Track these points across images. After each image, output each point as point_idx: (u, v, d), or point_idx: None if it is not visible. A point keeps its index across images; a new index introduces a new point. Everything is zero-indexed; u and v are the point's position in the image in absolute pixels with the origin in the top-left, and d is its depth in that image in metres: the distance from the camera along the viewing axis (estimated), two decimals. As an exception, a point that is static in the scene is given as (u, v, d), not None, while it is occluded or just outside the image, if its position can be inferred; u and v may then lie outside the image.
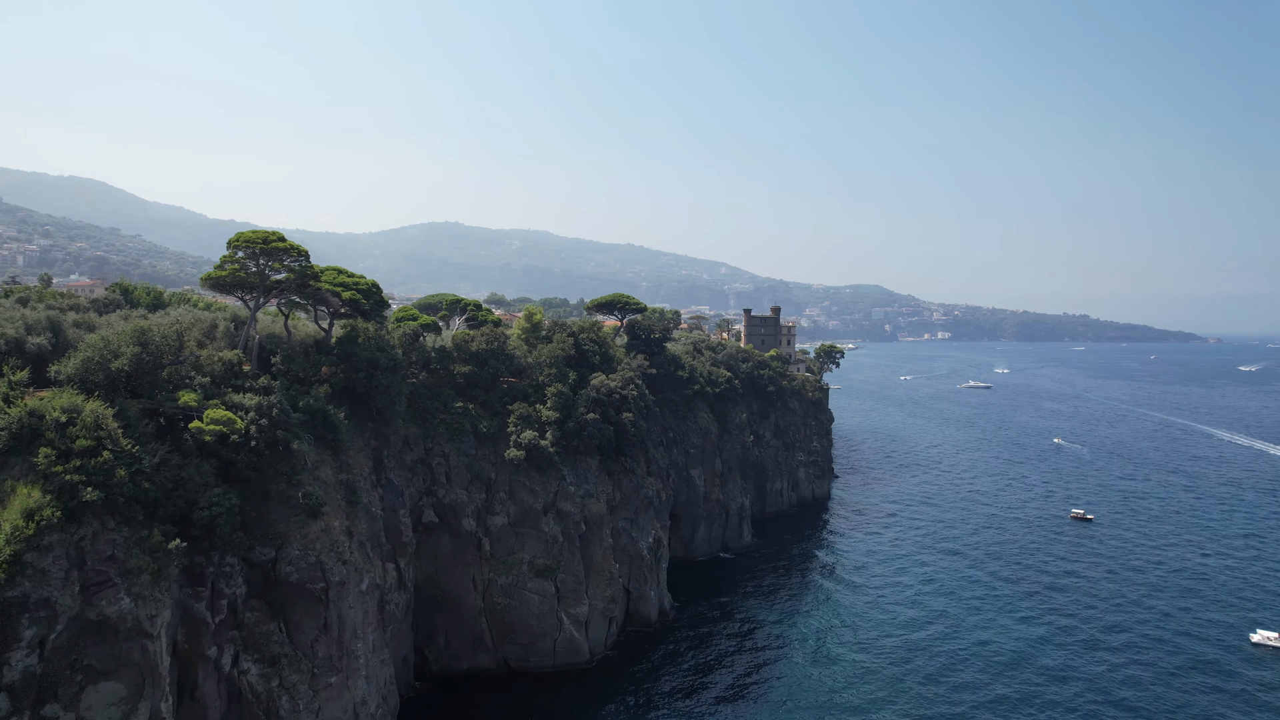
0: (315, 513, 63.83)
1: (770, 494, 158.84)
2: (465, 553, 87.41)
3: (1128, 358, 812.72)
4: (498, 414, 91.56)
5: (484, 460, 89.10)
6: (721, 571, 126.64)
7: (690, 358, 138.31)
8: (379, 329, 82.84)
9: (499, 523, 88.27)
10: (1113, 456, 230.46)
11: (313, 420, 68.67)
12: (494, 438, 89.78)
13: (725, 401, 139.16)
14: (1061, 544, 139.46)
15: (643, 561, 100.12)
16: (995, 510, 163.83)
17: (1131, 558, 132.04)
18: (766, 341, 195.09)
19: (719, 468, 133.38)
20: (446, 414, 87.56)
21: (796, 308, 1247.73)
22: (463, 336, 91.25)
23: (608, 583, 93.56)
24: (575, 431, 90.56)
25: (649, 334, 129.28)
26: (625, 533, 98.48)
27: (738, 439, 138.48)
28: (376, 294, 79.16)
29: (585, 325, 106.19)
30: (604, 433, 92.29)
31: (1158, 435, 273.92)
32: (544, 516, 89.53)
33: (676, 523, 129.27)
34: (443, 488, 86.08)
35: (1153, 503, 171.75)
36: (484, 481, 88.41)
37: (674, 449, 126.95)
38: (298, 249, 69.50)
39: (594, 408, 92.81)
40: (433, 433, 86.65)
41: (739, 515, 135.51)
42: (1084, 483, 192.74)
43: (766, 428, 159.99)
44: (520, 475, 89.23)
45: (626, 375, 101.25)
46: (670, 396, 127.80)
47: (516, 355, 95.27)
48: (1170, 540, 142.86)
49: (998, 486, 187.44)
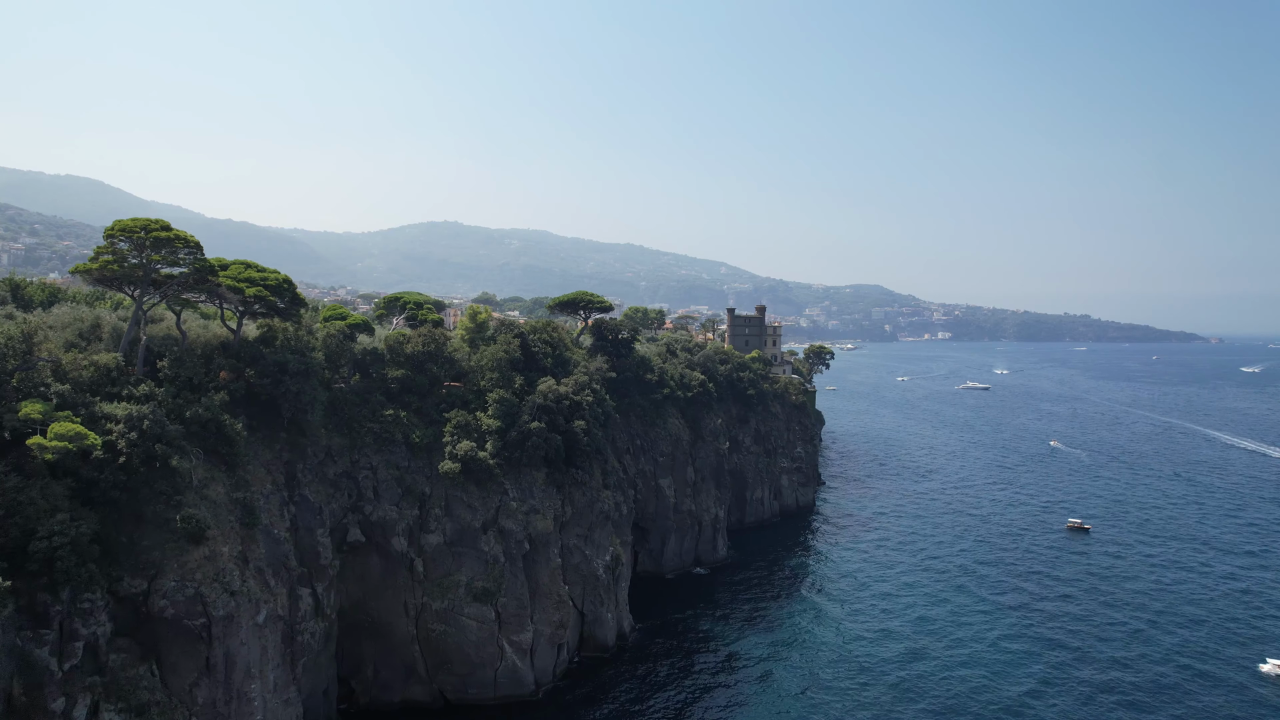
0: (197, 537, 56.21)
1: (750, 503, 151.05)
2: (396, 575, 79.73)
3: (1129, 358, 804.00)
4: (434, 422, 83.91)
5: (417, 473, 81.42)
6: (693, 588, 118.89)
7: (661, 360, 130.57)
8: (298, 329, 75.35)
9: (434, 542, 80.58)
10: (1111, 461, 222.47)
11: (204, 432, 61.02)
12: (428, 448, 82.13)
13: (699, 406, 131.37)
14: (1058, 559, 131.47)
15: (598, 582, 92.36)
16: (987, 520, 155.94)
17: (1131, 574, 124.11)
18: (751, 342, 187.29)
19: (691, 477, 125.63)
20: (375, 422, 79.88)
21: (796, 307, 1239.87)
22: (396, 338, 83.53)
23: (556, 606, 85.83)
24: (518, 442, 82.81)
25: (616, 334, 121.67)
26: (578, 551, 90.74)
27: (712, 446, 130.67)
28: (289, 291, 71.50)
29: (538, 325, 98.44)
30: (551, 443, 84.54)
31: (1158, 438, 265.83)
32: (484, 535, 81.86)
33: (644, 536, 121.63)
34: (370, 504, 78.40)
35: (1152, 512, 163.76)
36: (417, 496, 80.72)
37: (641, 457, 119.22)
38: (188, 239, 61.85)
39: (540, 415, 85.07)
40: (360, 443, 78.96)
41: (713, 527, 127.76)
42: (1081, 489, 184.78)
43: (746, 433, 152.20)
44: (457, 490, 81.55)
45: (581, 380, 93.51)
46: (638, 401, 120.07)
47: (458, 358, 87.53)
48: (1172, 554, 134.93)
49: (991, 494, 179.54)
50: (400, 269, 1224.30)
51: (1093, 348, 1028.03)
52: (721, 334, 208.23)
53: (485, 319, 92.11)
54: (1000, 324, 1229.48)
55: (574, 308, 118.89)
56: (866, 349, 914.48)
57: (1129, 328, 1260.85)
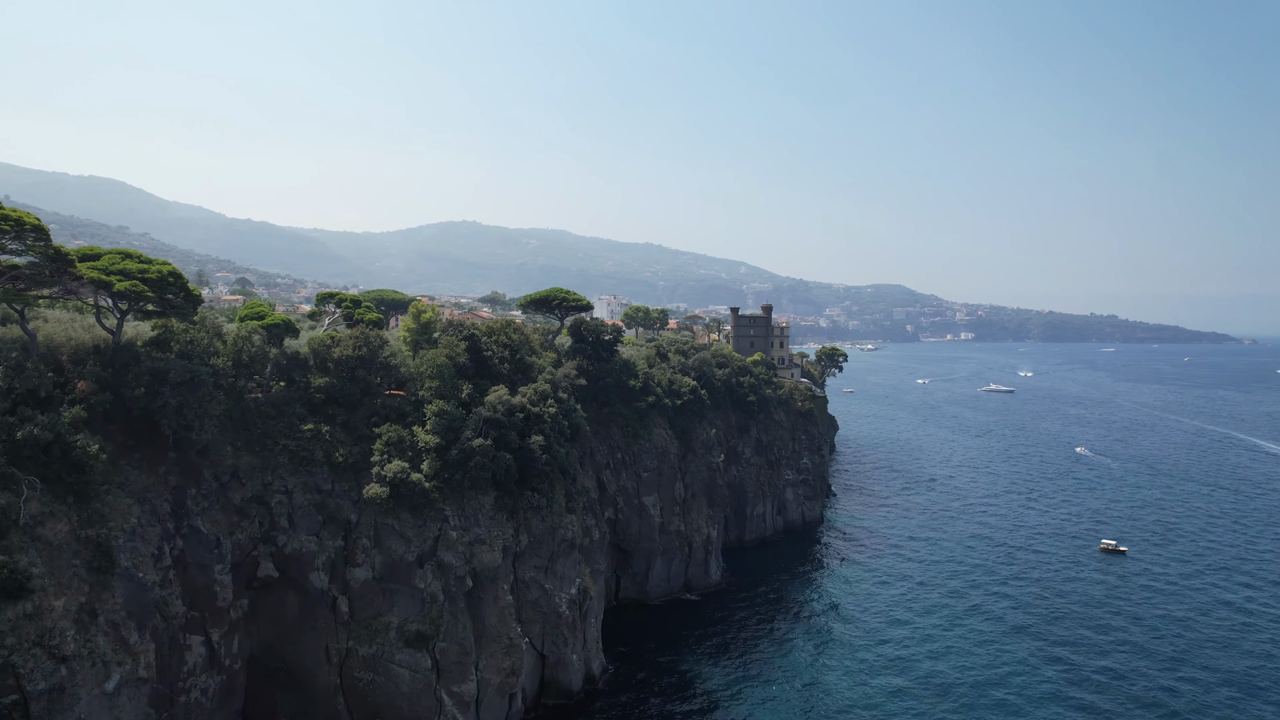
0: (14, 591, 45.16)
1: (751, 519, 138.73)
2: (316, 615, 68.52)
3: (1159, 360, 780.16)
4: (364, 438, 72.59)
5: (342, 498, 70.14)
6: (680, 618, 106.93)
7: (648, 364, 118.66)
8: (198, 331, 64.35)
9: (361, 577, 69.26)
10: (1146, 471, 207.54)
11: (44, 457, 50.03)
12: (355, 469, 70.81)
13: (689, 415, 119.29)
14: (1092, 588, 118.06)
15: (561, 619, 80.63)
16: (1012, 540, 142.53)
17: (1177, 610, 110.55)
18: (756, 344, 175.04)
19: (680, 493, 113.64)
20: (291, 439, 68.71)
21: (817, 308, 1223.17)
22: (320, 341, 72.27)
23: (506, 651, 74.23)
24: (459, 461, 71.26)
25: (597, 336, 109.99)
26: (536, 585, 79.07)
27: (704, 459, 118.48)
28: (177, 285, 60.40)
29: (495, 325, 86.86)
30: (500, 462, 72.92)
31: (1196, 446, 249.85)
32: (419, 569, 70.40)
33: (627, 560, 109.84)
34: (284, 533, 67.22)
35: (1195, 532, 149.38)
36: (341, 525, 69.44)
37: (623, 473, 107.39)
38: (32, 223, 50.85)
39: (488, 430, 73.47)
40: (273, 463, 67.83)
41: (705, 549, 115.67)
42: (1114, 504, 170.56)
43: (746, 443, 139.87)
44: (388, 517, 70.16)
45: (542, 388, 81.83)
46: (620, 410, 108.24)
47: (395, 363, 76.12)
48: (1220, 584, 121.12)
49: (1015, 508, 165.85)
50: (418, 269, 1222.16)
51: (1121, 349, 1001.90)
52: (727, 335, 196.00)
53: (431, 318, 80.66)
54: (1024, 324, 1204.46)
55: (547, 306, 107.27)
56: (887, 350, 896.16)
57: (1158, 328, 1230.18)
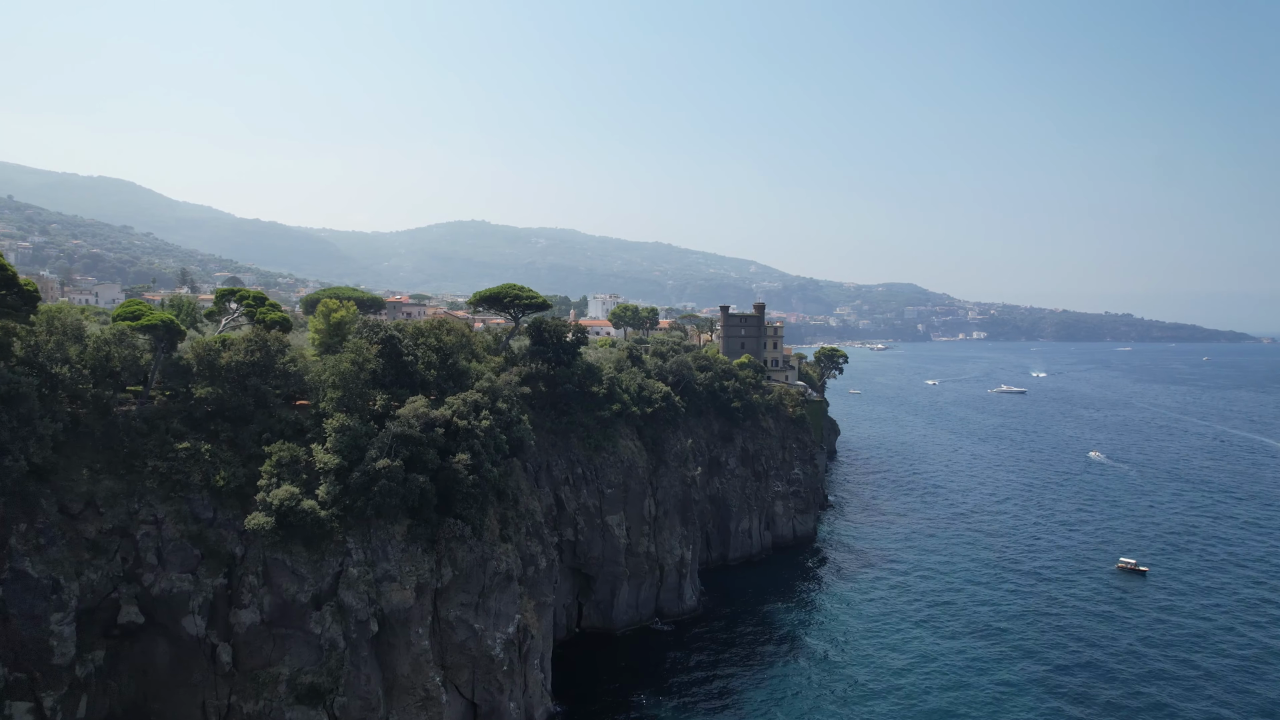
0: None
1: (735, 536, 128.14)
2: (191, 666, 58.54)
3: (1176, 359, 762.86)
4: (255, 458, 62.59)
5: (225, 528, 60.14)
6: (648, 649, 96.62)
7: (616, 368, 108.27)
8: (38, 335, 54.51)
9: (247, 620, 59.25)
10: (1165, 478, 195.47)
11: None
12: (242, 494, 60.78)
13: (661, 424, 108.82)
14: (1110, 615, 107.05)
15: (494, 663, 70.36)
16: (1020, 557, 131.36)
17: (1209, 640, 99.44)
18: (747, 345, 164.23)
19: (650, 511, 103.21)
20: (163, 459, 58.75)
21: (827, 306, 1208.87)
22: (206, 345, 62.24)
23: (421, 704, 64.04)
24: (362, 485, 61.12)
25: (558, 338, 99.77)
26: (463, 625, 68.82)
27: (677, 472, 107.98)
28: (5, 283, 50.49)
29: (424, 326, 76.57)
30: (411, 486, 62.73)
31: (1218, 452, 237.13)
32: (315, 611, 60.32)
33: (589, 585, 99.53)
34: (152, 571, 57.29)
35: (1222, 549, 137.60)
36: (223, 560, 59.45)
37: (583, 489, 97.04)
38: None
39: (398, 449, 63.28)
40: (140, 488, 57.93)
41: (678, 571, 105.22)
42: (1132, 516, 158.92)
43: (730, 453, 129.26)
44: (279, 552, 60.11)
45: (474, 398, 71.57)
46: (581, 420, 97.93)
47: (297, 370, 65.97)
48: (1255, 616, 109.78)
49: (1024, 522, 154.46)
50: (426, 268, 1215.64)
51: (1137, 348, 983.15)
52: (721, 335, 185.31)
53: (343, 318, 70.56)
54: (1038, 323, 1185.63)
55: (499, 304, 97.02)
56: (898, 349, 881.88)
57: (1174, 327, 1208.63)
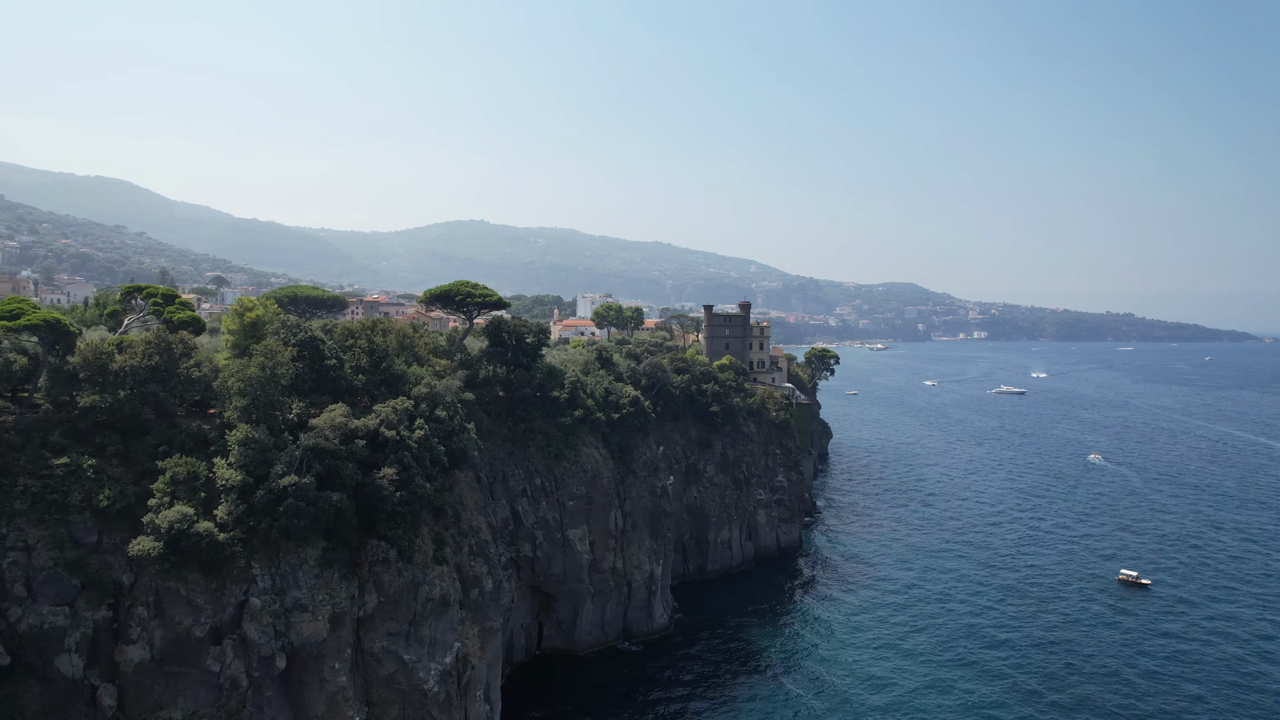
0: None
1: (714, 547, 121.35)
2: (68, 712, 51.75)
3: (1178, 359, 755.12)
4: (151, 474, 55.82)
5: (110, 554, 53.37)
6: (613, 672, 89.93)
7: (582, 370, 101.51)
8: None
9: (135, 658, 52.48)
10: (1168, 483, 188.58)
11: None
12: (131, 515, 54.02)
13: (630, 430, 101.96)
14: (1111, 634, 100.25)
15: (428, 698, 63.54)
16: (1015, 568, 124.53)
17: (1212, 665, 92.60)
18: (732, 345, 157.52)
19: (617, 524, 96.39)
20: (36, 478, 52.03)
21: (827, 306, 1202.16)
22: (95, 348, 55.44)
23: (338, 750, 57.31)
24: (267, 505, 54.33)
25: (518, 338, 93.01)
26: (391, 656, 62.03)
27: (647, 483, 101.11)
28: None
29: (355, 326, 69.67)
30: (324, 505, 55.94)
31: (1222, 455, 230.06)
32: (214, 647, 53.59)
33: (550, 604, 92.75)
34: (19, 604, 50.57)
35: (1227, 558, 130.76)
36: (107, 590, 52.67)
37: (542, 501, 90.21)
38: None
39: (309, 464, 56.50)
40: (7, 510, 51.22)
41: (647, 589, 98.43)
42: (1133, 524, 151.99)
43: (709, 460, 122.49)
44: (173, 579, 53.35)
45: (404, 406, 64.79)
46: (541, 427, 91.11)
47: (200, 376, 59.15)
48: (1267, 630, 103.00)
49: (1020, 530, 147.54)
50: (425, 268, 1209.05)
51: (1139, 347, 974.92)
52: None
53: (259, 317, 63.70)
54: (1039, 323, 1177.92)
55: (451, 302, 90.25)
56: (898, 349, 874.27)
57: (1177, 326, 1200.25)
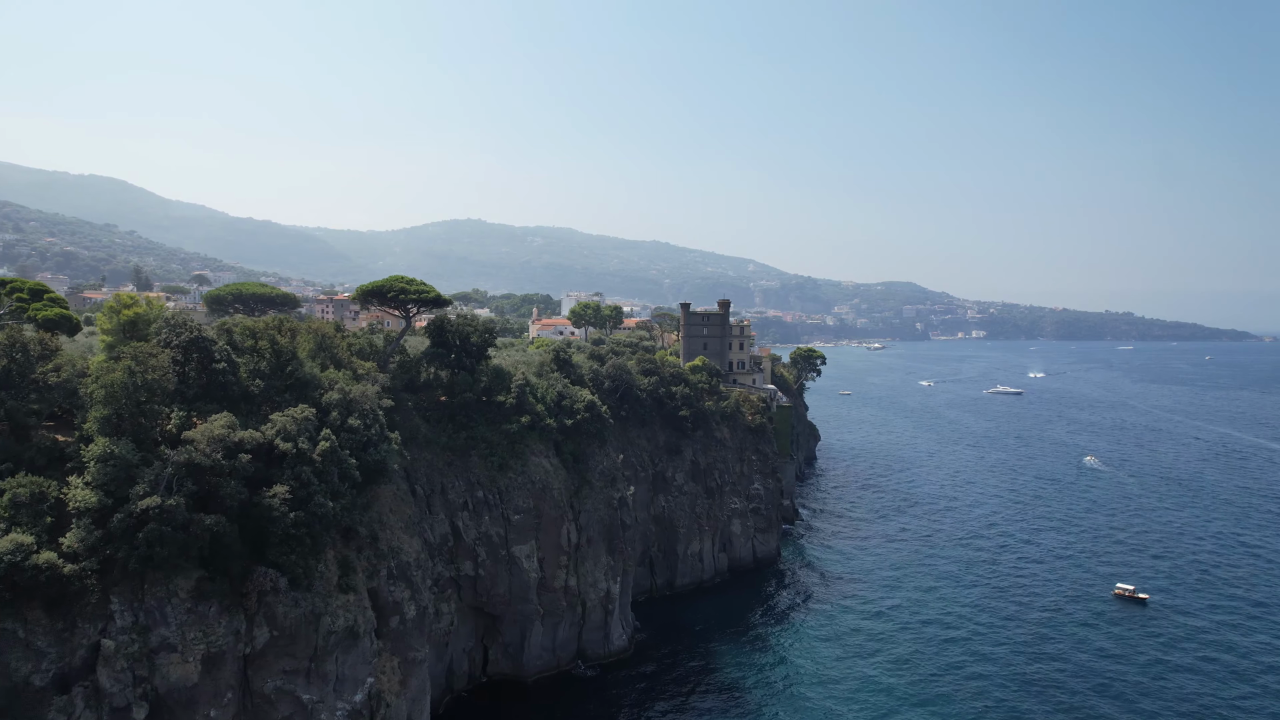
0: None
1: (684, 560, 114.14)
2: (-113, 774, 44.61)
3: (1177, 358, 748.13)
4: (-8, 495, 48.55)
5: (-62, 589, 46.17)
6: (564, 699, 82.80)
7: (536, 373, 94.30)
8: None
9: (-32, 711, 45.28)
10: (1166, 487, 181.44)
11: None
12: (-37, 544, 46.79)
13: (586, 438, 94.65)
14: (1106, 651, 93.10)
15: (330, 744, 56.42)
16: (1005, 581, 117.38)
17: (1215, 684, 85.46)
18: (710, 345, 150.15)
19: (570, 539, 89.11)
20: None
21: (825, 305, 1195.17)
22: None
23: (213, 811, 50.08)
24: (125, 531, 47.10)
25: (463, 338, 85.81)
26: (287, 697, 54.82)
27: (603, 494, 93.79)
28: None
29: (257, 326, 62.38)
30: (196, 529, 48.71)
31: (1222, 458, 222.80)
32: (60, 696, 46.36)
33: (495, 625, 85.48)
34: None
35: (1230, 570, 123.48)
36: (-66, 632, 45.47)
37: (485, 515, 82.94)
38: None
39: (181, 483, 49.25)
40: None
41: (604, 608, 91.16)
42: (1130, 532, 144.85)
43: (678, 467, 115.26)
44: (8, 619, 46.14)
45: (304, 415, 57.51)
46: (484, 435, 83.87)
47: (60, 382, 51.85)
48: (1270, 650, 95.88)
49: (1011, 540, 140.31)
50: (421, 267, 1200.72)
51: (1138, 347, 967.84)
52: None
53: (139, 314, 56.49)
54: (1037, 322, 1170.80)
55: (385, 298, 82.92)
56: (895, 348, 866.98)
57: (1176, 325, 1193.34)
